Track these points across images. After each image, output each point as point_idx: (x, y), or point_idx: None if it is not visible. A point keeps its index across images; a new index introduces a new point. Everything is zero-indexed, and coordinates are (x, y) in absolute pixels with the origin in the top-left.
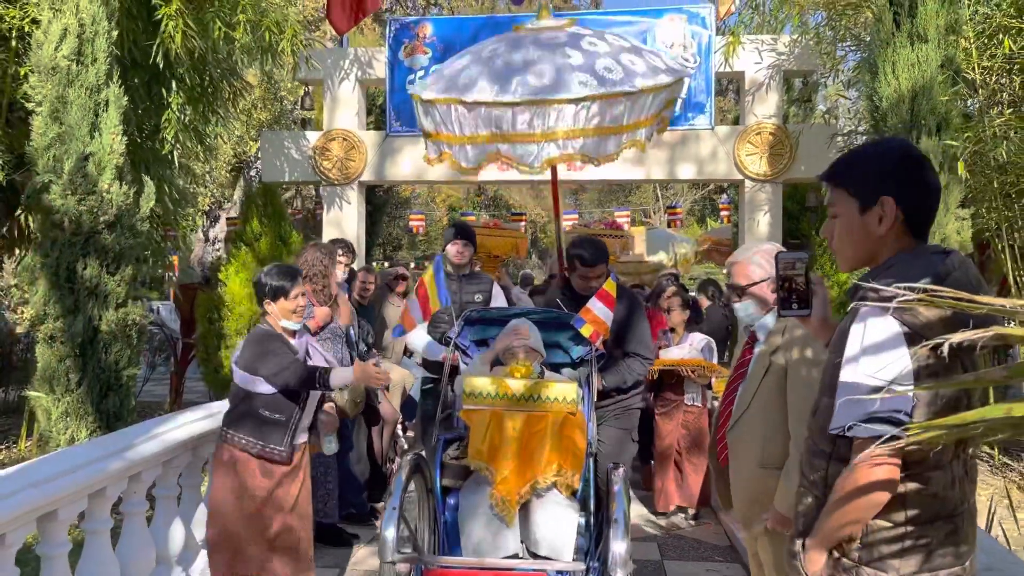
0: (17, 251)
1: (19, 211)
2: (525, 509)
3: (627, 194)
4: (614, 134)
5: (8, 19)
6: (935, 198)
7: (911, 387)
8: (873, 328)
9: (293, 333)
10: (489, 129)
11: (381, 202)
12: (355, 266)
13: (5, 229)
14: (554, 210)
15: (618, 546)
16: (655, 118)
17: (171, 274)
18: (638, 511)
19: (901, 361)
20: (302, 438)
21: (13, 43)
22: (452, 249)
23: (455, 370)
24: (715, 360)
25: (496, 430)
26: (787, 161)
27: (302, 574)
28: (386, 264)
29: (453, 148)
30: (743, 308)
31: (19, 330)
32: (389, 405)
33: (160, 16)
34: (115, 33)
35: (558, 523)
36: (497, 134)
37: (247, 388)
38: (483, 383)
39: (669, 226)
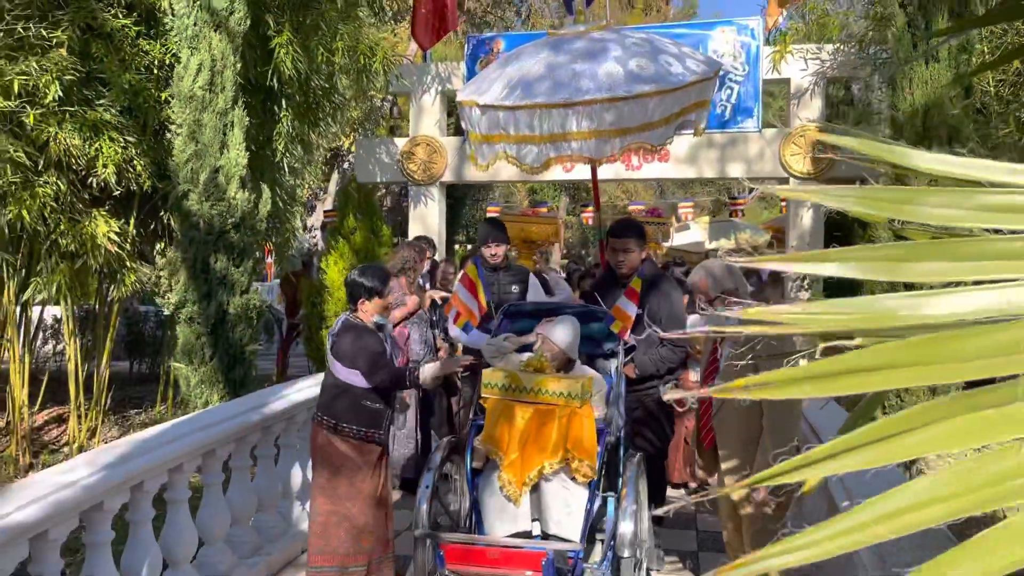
0: (159, 245)
1: (163, 213)
2: (538, 491)
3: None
4: (613, 137)
5: (152, 53)
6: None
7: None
8: None
9: (381, 327)
10: (499, 130)
11: (462, 194)
12: (436, 258)
13: (152, 227)
14: (595, 204)
15: (625, 527)
16: (664, 122)
17: (284, 260)
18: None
19: None
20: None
21: (155, 72)
22: (486, 252)
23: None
24: None
25: (507, 418)
26: (828, 161)
27: (385, 552)
28: (469, 247)
29: (473, 145)
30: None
31: (166, 312)
32: None
33: (273, 45)
34: (239, 65)
35: (567, 504)
36: (505, 135)
37: (348, 381)
38: (497, 376)
39: (731, 216)
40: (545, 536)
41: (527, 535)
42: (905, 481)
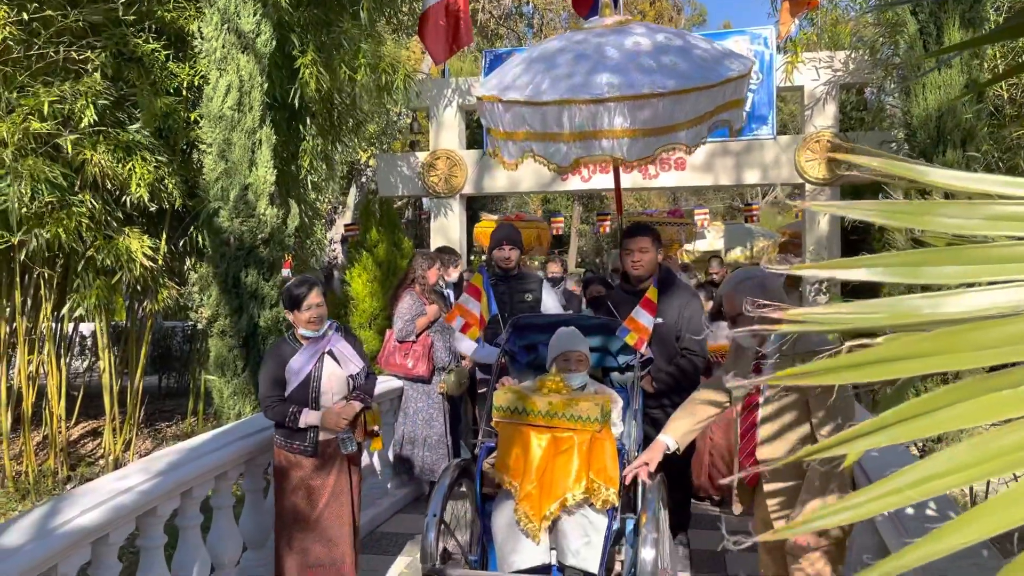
0: (188, 262)
1: (192, 230)
2: (555, 519)
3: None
4: (646, 136)
5: (181, 75)
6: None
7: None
8: None
9: (316, 339)
10: (525, 127)
11: (480, 205)
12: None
13: (181, 244)
14: (617, 209)
15: (645, 554)
16: (697, 121)
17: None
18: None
19: None
20: (326, 435)
21: (184, 93)
22: (499, 255)
23: (504, 375)
24: None
25: (521, 445)
26: (844, 166)
27: (348, 558)
28: (484, 257)
29: (497, 143)
30: (743, 338)
31: (199, 326)
32: None
33: (298, 65)
34: (266, 85)
35: (586, 534)
36: (531, 132)
37: None
38: (510, 398)
39: (747, 222)
40: (561, 567)
41: (545, 568)
42: None
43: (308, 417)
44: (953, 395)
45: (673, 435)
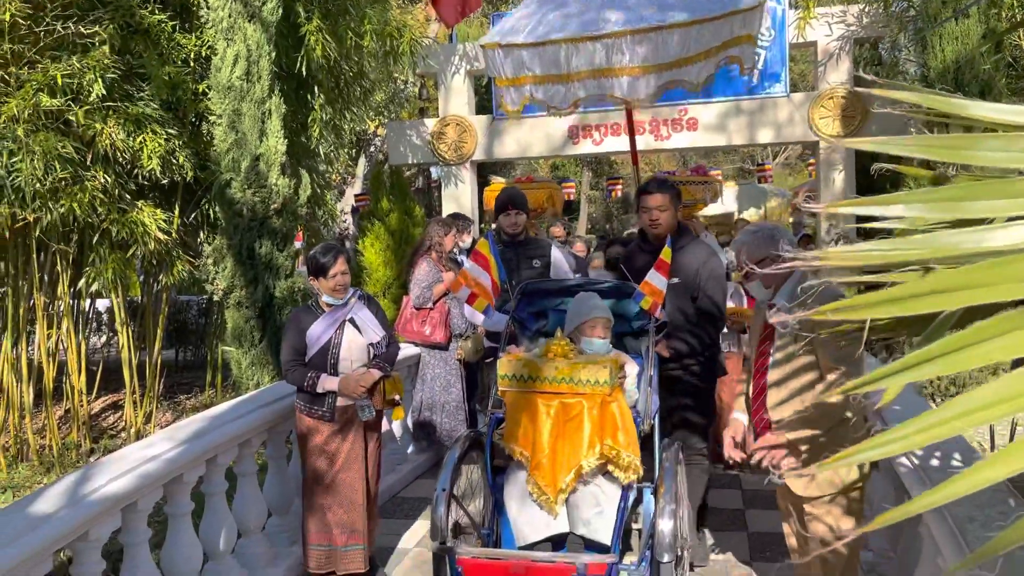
0: (201, 235)
1: (204, 202)
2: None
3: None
4: (647, 73)
5: (188, 47)
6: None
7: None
8: None
9: (339, 307)
10: (525, 71)
11: (490, 171)
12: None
13: (193, 217)
14: (632, 159)
15: (663, 525)
16: (703, 56)
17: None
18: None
19: None
20: (344, 401)
21: (192, 65)
22: (505, 221)
23: (513, 342)
24: (743, 304)
25: (529, 413)
26: (859, 122)
27: (351, 541)
28: (493, 226)
29: (501, 91)
30: (756, 288)
31: (215, 298)
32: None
33: (303, 32)
34: (274, 54)
35: (598, 503)
36: (532, 76)
37: None
38: (516, 365)
39: (760, 182)
40: (571, 535)
41: (563, 537)
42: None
43: (326, 383)
44: (997, 327)
45: (743, 411)
